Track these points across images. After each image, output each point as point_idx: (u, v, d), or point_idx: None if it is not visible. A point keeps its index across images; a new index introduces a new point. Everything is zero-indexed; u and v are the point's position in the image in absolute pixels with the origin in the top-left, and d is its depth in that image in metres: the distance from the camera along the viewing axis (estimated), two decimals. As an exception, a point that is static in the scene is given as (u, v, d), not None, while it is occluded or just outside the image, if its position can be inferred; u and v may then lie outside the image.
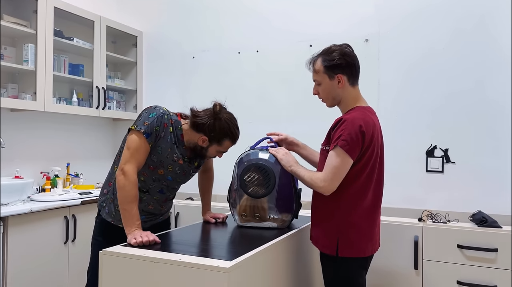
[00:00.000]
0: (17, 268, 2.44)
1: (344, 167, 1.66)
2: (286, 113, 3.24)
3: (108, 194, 1.96)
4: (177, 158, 1.90)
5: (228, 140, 1.89)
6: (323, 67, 1.78)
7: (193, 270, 1.38)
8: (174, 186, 2.00)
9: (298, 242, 1.97)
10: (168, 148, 1.87)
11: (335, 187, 1.68)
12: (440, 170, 2.75)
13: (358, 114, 1.71)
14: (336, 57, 1.75)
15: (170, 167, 1.90)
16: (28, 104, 2.84)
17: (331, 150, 1.68)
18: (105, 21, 3.40)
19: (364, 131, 1.66)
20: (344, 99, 1.81)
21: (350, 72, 1.78)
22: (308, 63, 1.86)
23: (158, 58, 3.76)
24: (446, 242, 2.23)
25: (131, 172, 1.75)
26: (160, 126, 1.82)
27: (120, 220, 1.82)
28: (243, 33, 3.40)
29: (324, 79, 1.79)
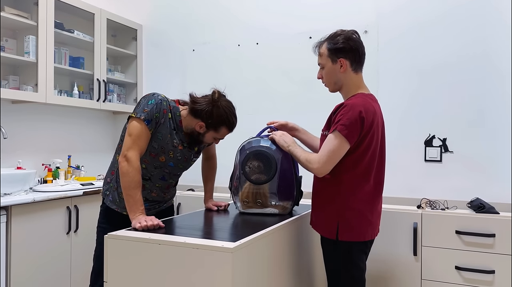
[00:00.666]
0: (20, 257, 2.46)
1: (339, 151, 1.68)
2: (286, 105, 3.26)
3: (112, 182, 1.98)
4: (177, 144, 1.92)
5: (225, 127, 1.91)
6: (327, 50, 1.80)
7: (198, 251, 1.41)
8: (176, 172, 2.02)
9: (299, 227, 2.00)
10: (168, 134, 1.89)
11: (328, 169, 1.71)
12: (438, 159, 2.79)
13: (359, 101, 1.73)
14: (340, 41, 1.77)
15: (171, 153, 1.92)
16: (30, 96, 2.86)
17: (331, 132, 1.70)
18: (105, 14, 3.42)
19: (364, 117, 1.68)
20: (346, 84, 1.82)
21: (353, 57, 1.79)
22: (314, 47, 1.89)
23: (158, 51, 3.78)
24: (445, 228, 2.26)
25: (134, 158, 1.77)
26: (160, 112, 1.84)
27: (125, 207, 1.85)
28: (242, 26, 3.42)
29: (327, 62, 1.81)
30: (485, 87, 2.68)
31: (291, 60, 3.23)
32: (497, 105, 2.66)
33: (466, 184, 2.70)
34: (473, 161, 2.70)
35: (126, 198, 1.76)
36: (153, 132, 1.85)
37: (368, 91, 1.86)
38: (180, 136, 1.93)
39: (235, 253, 1.37)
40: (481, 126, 2.69)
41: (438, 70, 2.80)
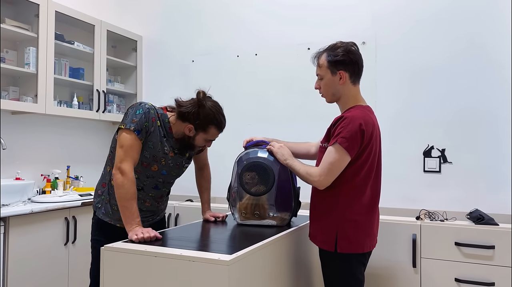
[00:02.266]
0: (17, 268, 2.45)
1: (340, 163, 1.68)
2: (285, 116, 3.27)
3: (103, 195, 1.95)
4: (168, 151, 1.91)
5: (214, 127, 1.89)
6: (327, 61, 1.80)
7: (194, 264, 1.40)
8: (169, 180, 2.01)
9: (297, 239, 1.99)
10: (159, 141, 1.87)
11: (329, 182, 1.70)
12: (437, 170, 2.78)
13: (359, 113, 1.73)
14: (340, 53, 1.77)
15: (163, 161, 1.91)
16: (29, 107, 2.87)
17: (331, 145, 1.70)
18: (105, 26, 3.44)
19: (364, 129, 1.68)
20: (344, 96, 1.82)
21: (352, 70, 1.79)
22: (312, 57, 1.88)
23: (158, 62, 3.80)
24: (444, 239, 2.25)
25: (128, 169, 1.75)
26: (149, 121, 1.83)
27: (118, 220, 1.85)
28: (241, 37, 3.44)
29: (326, 73, 1.81)
30: (484, 97, 2.69)
31: (289, 71, 3.25)
32: (497, 115, 2.66)
33: (465, 195, 2.69)
34: (472, 172, 2.69)
35: (122, 210, 1.75)
36: (144, 141, 1.84)
37: (365, 103, 1.87)
38: (170, 143, 1.92)
39: (231, 265, 1.36)
40: (480, 137, 2.69)
41: (436, 80, 2.81)
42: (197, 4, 3.63)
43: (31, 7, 2.92)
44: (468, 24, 2.74)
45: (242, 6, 3.45)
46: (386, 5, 2.96)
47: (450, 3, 2.79)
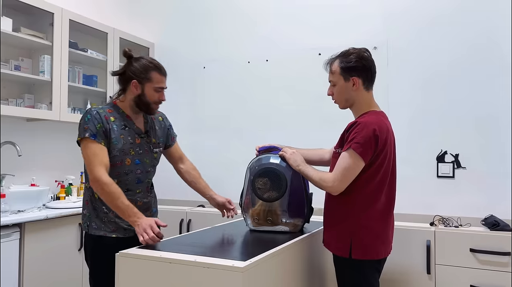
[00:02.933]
0: (33, 273, 2.48)
1: (355, 169, 1.68)
2: (297, 122, 3.27)
3: (89, 212, 1.92)
4: (133, 139, 1.91)
5: (154, 71, 1.90)
6: (340, 68, 1.80)
7: (208, 270, 1.41)
8: (147, 169, 1.98)
9: (311, 245, 1.99)
10: (120, 135, 1.88)
11: (343, 188, 1.70)
12: (451, 175, 2.76)
13: (373, 118, 1.73)
14: (353, 60, 1.78)
15: (131, 151, 1.90)
16: (44, 114, 2.92)
17: (345, 151, 1.70)
18: (118, 33, 3.49)
19: (378, 135, 1.68)
20: (357, 102, 1.83)
21: (365, 76, 1.80)
22: (325, 64, 1.89)
23: (169, 68, 3.80)
24: (459, 246, 2.23)
25: (101, 174, 1.75)
26: (101, 121, 1.82)
27: (112, 231, 1.88)
28: (252, 43, 3.46)
29: (339, 80, 1.81)
30: (498, 101, 2.66)
31: (300, 76, 3.25)
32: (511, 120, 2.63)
33: (480, 200, 2.66)
34: (486, 177, 2.67)
35: (117, 211, 1.75)
36: (107, 142, 1.83)
37: (379, 109, 1.87)
38: (133, 130, 1.92)
39: (245, 272, 1.37)
40: (494, 141, 2.66)
41: (449, 85, 2.79)
42: (208, 11, 3.66)
43: (46, 16, 2.97)
44: (483, 27, 2.72)
45: (253, 13, 3.47)
46: (398, 10, 2.96)
47: (463, 5, 2.77)
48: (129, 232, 1.92)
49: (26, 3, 2.78)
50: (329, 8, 3.18)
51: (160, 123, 2.09)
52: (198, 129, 3.65)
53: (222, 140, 3.54)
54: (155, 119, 2.07)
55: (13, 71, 2.82)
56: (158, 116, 2.10)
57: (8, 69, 2.82)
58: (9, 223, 2.34)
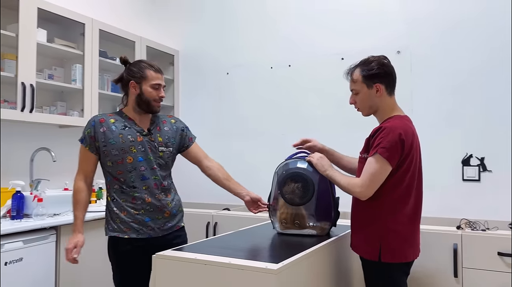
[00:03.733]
0: (68, 274, 2.58)
1: (382, 173, 1.71)
2: (319, 126, 3.30)
3: (106, 216, 2.07)
4: (134, 137, 1.99)
5: (148, 70, 2.00)
6: (362, 76, 1.84)
7: (243, 272, 1.46)
8: (152, 165, 2.01)
9: (338, 248, 2.02)
10: (119, 134, 1.97)
11: (371, 193, 1.73)
12: (476, 178, 2.75)
13: (398, 123, 1.76)
14: (375, 67, 1.82)
15: (133, 149, 1.97)
16: (76, 121, 3.03)
17: (372, 156, 1.73)
18: (145, 42, 3.59)
19: (403, 139, 1.71)
20: (381, 108, 1.86)
21: (388, 82, 1.84)
22: (346, 73, 1.93)
23: (194, 75, 3.92)
24: (486, 249, 2.23)
25: (77, 179, 2.01)
26: (91, 127, 1.97)
27: (123, 231, 1.98)
28: (275, 48, 3.51)
29: (362, 88, 1.85)
30: (523, 106, 2.65)
31: (323, 81, 3.29)
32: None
33: (506, 203, 2.65)
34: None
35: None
36: (98, 145, 1.96)
37: (403, 113, 1.90)
38: (134, 129, 2.01)
39: (278, 274, 1.42)
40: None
41: (473, 87, 2.79)
42: (231, 18, 3.73)
43: (77, 26, 3.09)
44: (505, 31, 2.71)
45: (275, 18, 3.53)
46: (421, 13, 2.97)
47: (486, 10, 2.77)
48: (142, 232, 1.99)
49: (59, 14, 2.91)
50: (351, 13, 3.22)
51: (171, 124, 2.15)
52: (223, 134, 3.72)
53: (245, 145, 3.60)
54: (166, 122, 2.14)
55: (47, 80, 2.95)
56: (171, 119, 2.18)
57: (42, 78, 2.95)
58: (46, 226, 2.45)
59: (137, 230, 1.98)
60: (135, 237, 1.97)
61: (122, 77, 2.04)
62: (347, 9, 3.23)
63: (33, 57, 2.71)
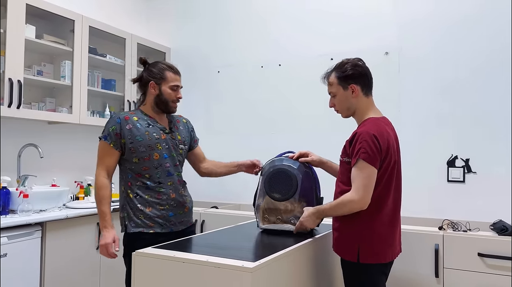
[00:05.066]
0: (54, 270, 2.59)
1: (372, 178, 1.72)
2: (308, 126, 3.32)
3: (125, 214, 2.08)
4: (158, 135, 2.06)
5: (168, 71, 2.08)
6: (337, 78, 1.89)
7: (219, 270, 1.48)
8: (175, 162, 2.11)
9: (319, 248, 2.04)
10: (145, 131, 2.04)
11: (369, 199, 1.72)
12: (461, 180, 2.78)
13: (371, 126, 1.78)
14: (348, 68, 1.87)
15: (158, 146, 2.05)
16: (65, 117, 3.03)
17: (355, 164, 1.74)
18: (135, 39, 3.60)
19: (379, 142, 1.73)
20: (358, 109, 1.89)
21: (363, 82, 1.88)
22: (322, 78, 1.98)
23: (185, 73, 3.89)
24: (467, 250, 2.25)
25: (99, 175, 2.04)
26: (117, 123, 2.01)
27: (149, 226, 2.02)
28: (265, 48, 3.53)
29: (338, 90, 1.89)
30: (508, 107, 2.67)
31: (313, 81, 3.29)
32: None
33: (489, 205, 2.67)
34: (497, 182, 2.68)
35: (98, 213, 2.03)
36: (125, 142, 2.01)
37: (380, 114, 1.92)
38: (158, 127, 2.08)
39: (254, 272, 1.43)
40: (504, 147, 2.67)
41: (460, 90, 2.81)
42: (222, 17, 3.74)
43: (67, 23, 3.09)
44: (496, 34, 2.73)
45: (266, 18, 3.54)
46: (409, 16, 2.99)
47: (479, 12, 2.78)
48: (166, 227, 2.06)
49: (49, 11, 2.91)
50: (341, 15, 3.23)
51: (184, 124, 2.26)
52: (213, 132, 3.74)
53: (235, 143, 3.62)
54: (179, 121, 2.24)
55: (36, 76, 2.95)
56: (182, 119, 2.28)
57: (31, 74, 2.95)
58: (32, 222, 2.46)
59: (161, 225, 2.05)
60: (159, 231, 2.04)
61: (141, 77, 2.12)
62: (337, 11, 3.24)
63: (21, 53, 2.71)
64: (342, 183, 1.86)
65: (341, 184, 1.87)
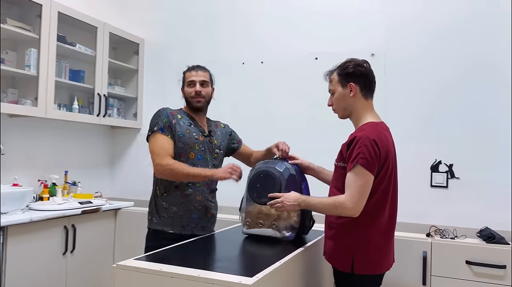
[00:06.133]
0: (15, 279, 2.36)
1: (368, 184, 1.64)
2: (290, 125, 3.21)
3: (151, 209, 2.13)
4: (198, 136, 2.11)
5: (187, 71, 2.21)
6: (337, 75, 1.82)
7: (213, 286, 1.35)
8: (208, 166, 2.11)
9: (311, 256, 1.96)
10: (186, 129, 2.09)
11: (362, 207, 1.64)
12: (444, 185, 2.76)
13: (371, 131, 1.70)
14: (350, 66, 1.80)
15: (196, 146, 2.09)
16: (29, 110, 2.78)
17: (351, 169, 1.65)
18: (108, 28, 3.37)
19: (379, 148, 1.66)
20: (356, 110, 1.81)
21: (363, 83, 1.79)
22: (325, 75, 1.91)
23: (160, 66, 3.72)
24: (455, 258, 2.23)
25: (168, 160, 1.97)
26: (168, 117, 2.06)
27: (169, 225, 2.04)
28: (247, 44, 3.39)
29: (337, 87, 1.82)
30: (495, 111, 2.67)
31: (296, 80, 3.21)
32: (506, 131, 2.64)
33: (473, 211, 2.67)
34: (480, 188, 2.68)
35: (193, 178, 1.99)
36: (173, 134, 2.04)
37: (379, 119, 1.85)
38: (198, 128, 2.13)
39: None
40: (488, 153, 2.67)
41: (446, 95, 2.80)
42: (202, 8, 3.57)
43: (34, 7, 2.83)
44: (483, 39, 2.72)
45: (248, 14, 3.40)
46: (398, 17, 2.94)
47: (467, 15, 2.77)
48: (187, 229, 2.06)
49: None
50: (327, 12, 3.14)
51: (221, 129, 2.32)
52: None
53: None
54: (217, 126, 2.30)
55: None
56: (220, 124, 2.35)
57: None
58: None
59: (183, 226, 2.06)
60: (179, 233, 2.04)
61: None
62: (322, 10, 3.15)
63: (-19, 38, 2.44)
64: (336, 189, 1.77)
65: (335, 190, 1.78)
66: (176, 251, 1.72)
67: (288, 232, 1.95)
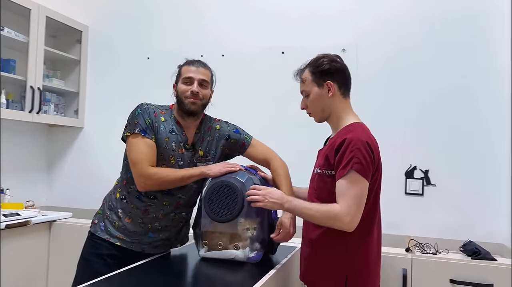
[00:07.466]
0: None
1: (364, 194, 1.43)
2: (254, 123, 2.86)
3: (101, 210, 1.83)
4: (177, 147, 1.74)
5: (184, 65, 1.81)
6: (311, 74, 1.59)
7: None
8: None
9: (284, 280, 1.67)
10: (165, 137, 1.72)
11: (359, 220, 1.41)
12: (420, 192, 2.56)
13: (361, 132, 1.50)
14: (324, 63, 1.57)
15: (172, 159, 1.73)
16: None
17: (344, 176, 1.41)
18: (44, 11, 2.92)
19: (373, 150, 1.46)
20: (335, 111, 1.59)
21: (340, 80, 1.58)
22: (294, 74, 1.66)
23: (106, 57, 3.30)
24: (438, 276, 2.01)
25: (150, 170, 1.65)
26: (150, 117, 1.72)
27: (117, 238, 1.73)
28: (206, 35, 3.05)
29: (312, 88, 1.59)
30: (473, 115, 2.51)
31: (261, 75, 2.91)
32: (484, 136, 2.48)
33: (451, 221, 2.49)
34: (457, 196, 2.50)
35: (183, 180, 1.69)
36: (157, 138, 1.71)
37: (360, 120, 1.62)
38: (179, 137, 1.75)
39: None
40: (465, 160, 2.50)
41: (421, 97, 2.61)
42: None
43: None
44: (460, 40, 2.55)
45: (210, 2, 3.07)
46: (367, 13, 2.72)
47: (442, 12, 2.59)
48: (136, 246, 1.76)
49: None
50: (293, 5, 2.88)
51: (214, 133, 1.87)
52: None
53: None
54: (211, 129, 1.87)
55: None
56: (216, 125, 1.90)
57: None
58: None
59: (132, 243, 1.76)
60: (125, 247, 1.75)
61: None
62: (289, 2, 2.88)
63: None
64: (319, 199, 1.51)
65: (318, 201, 1.51)
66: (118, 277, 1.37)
67: (253, 253, 1.64)
